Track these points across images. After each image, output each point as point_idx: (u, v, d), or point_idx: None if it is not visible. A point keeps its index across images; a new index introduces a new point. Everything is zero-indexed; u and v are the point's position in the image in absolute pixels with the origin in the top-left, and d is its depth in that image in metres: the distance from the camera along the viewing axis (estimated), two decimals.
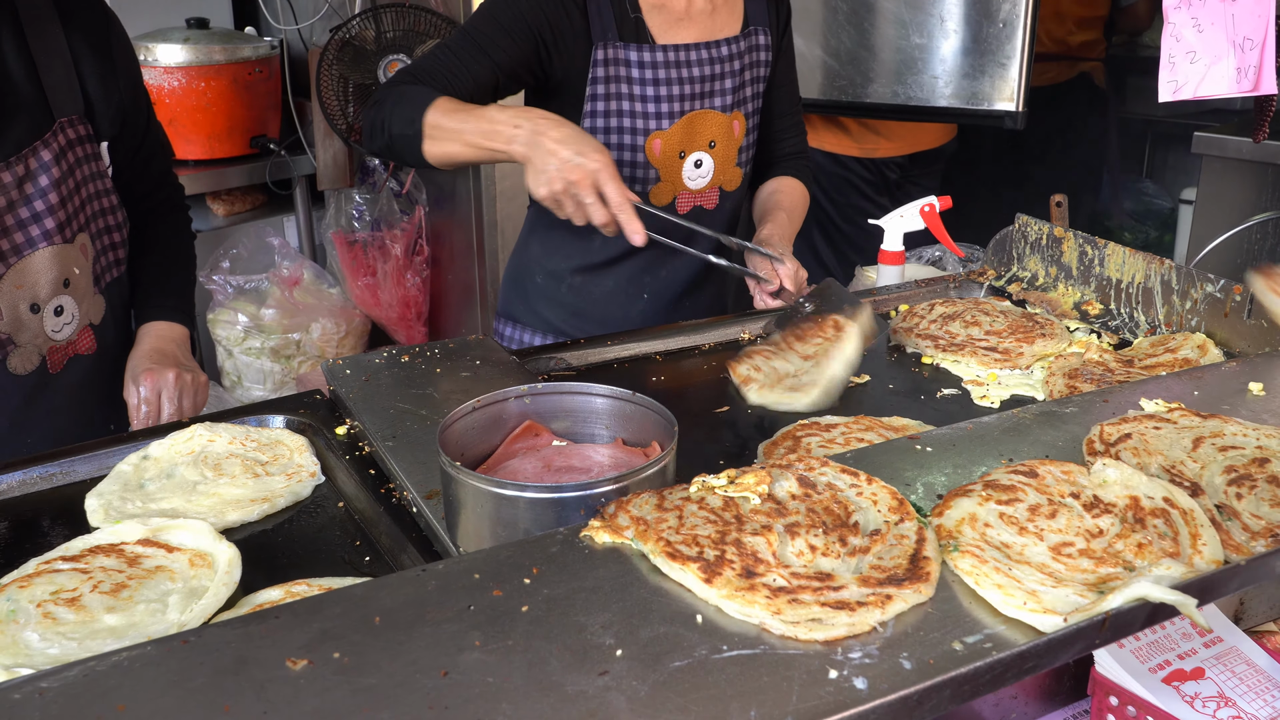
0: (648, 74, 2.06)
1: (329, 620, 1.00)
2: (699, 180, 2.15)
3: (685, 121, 2.10)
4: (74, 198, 1.76)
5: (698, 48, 2.09)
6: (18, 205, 1.69)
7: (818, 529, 1.13)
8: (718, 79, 2.12)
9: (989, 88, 3.16)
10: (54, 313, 1.76)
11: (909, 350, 1.99)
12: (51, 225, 1.72)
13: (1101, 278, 2.06)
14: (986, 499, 1.17)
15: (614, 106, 2.06)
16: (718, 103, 2.13)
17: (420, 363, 1.75)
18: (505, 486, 1.20)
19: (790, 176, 2.32)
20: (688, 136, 2.11)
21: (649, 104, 2.07)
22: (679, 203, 2.17)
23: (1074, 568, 1.09)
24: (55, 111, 1.74)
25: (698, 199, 2.18)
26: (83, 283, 1.80)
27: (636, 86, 2.06)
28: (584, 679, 0.93)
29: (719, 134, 2.14)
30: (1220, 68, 1.98)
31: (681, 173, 2.13)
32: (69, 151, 1.75)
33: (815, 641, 0.98)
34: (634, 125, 2.08)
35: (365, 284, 3.87)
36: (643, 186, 2.12)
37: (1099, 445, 1.32)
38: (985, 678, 0.96)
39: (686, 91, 2.09)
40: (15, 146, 1.69)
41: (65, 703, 0.90)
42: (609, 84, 2.05)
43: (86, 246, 1.80)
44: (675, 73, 2.07)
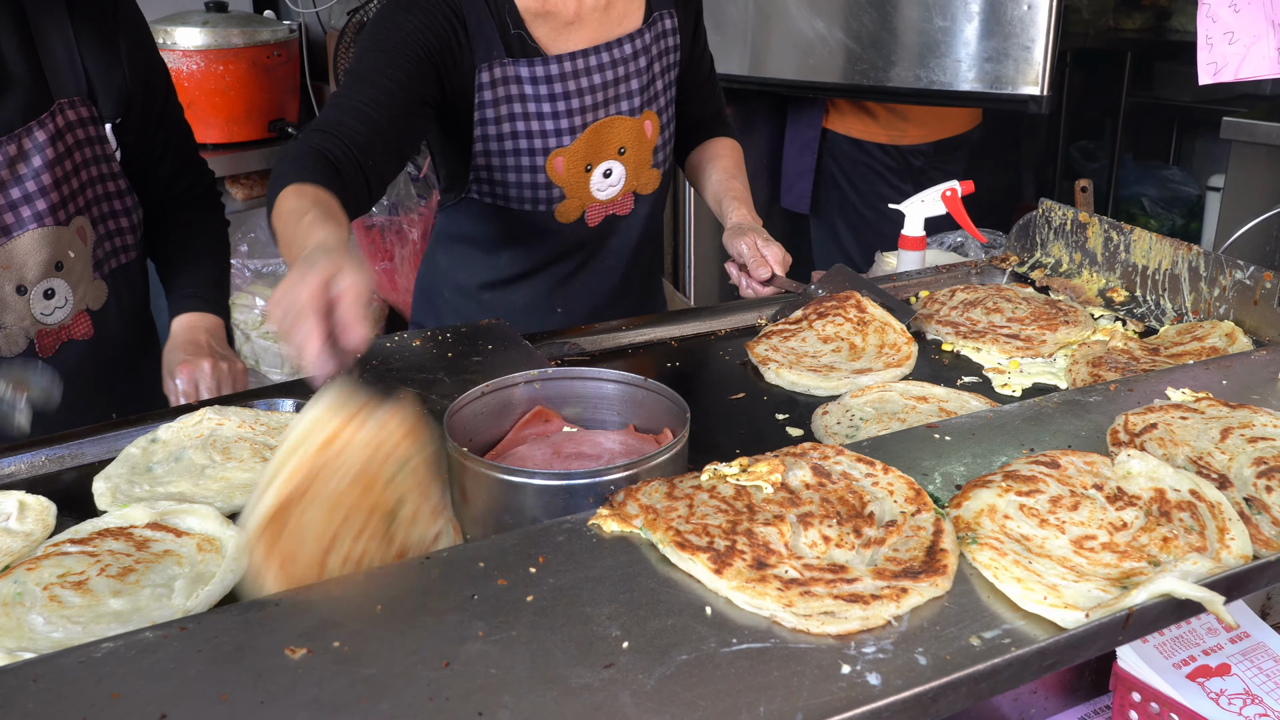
0: (542, 89, 1.90)
1: (329, 608, 0.98)
2: (609, 190, 2.02)
3: (590, 133, 1.95)
4: (72, 180, 1.74)
5: (596, 52, 1.93)
6: (8, 185, 1.67)
7: (832, 519, 1.10)
8: (621, 82, 1.96)
9: (1013, 71, 3.10)
10: (43, 295, 1.74)
11: (929, 337, 1.96)
12: (43, 207, 1.70)
13: (1127, 264, 2.02)
14: (1006, 490, 1.14)
15: (508, 129, 1.91)
16: (624, 106, 1.98)
17: (432, 346, 1.73)
18: (512, 473, 1.18)
19: (719, 137, 2.22)
20: (593, 148, 1.97)
21: (546, 121, 1.91)
22: (588, 216, 2.03)
23: (1096, 562, 1.05)
24: (54, 92, 1.72)
25: (609, 208, 2.05)
26: (78, 266, 1.78)
27: (531, 104, 1.90)
28: (589, 671, 0.91)
29: (629, 139, 2.00)
30: (1260, 48, 1.93)
31: (589, 186, 1.99)
32: (68, 133, 1.73)
33: (828, 635, 0.95)
34: (532, 145, 1.93)
35: (382, 269, 3.86)
36: (546, 206, 1.98)
37: (1123, 435, 1.29)
38: (1003, 675, 0.93)
39: (587, 102, 1.94)
40: (7, 126, 1.67)
41: (60, 690, 0.88)
42: (499, 105, 1.89)
43: (85, 230, 1.78)
44: (573, 84, 1.92)
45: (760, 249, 1.95)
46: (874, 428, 1.57)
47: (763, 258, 1.94)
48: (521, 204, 1.98)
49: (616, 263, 2.13)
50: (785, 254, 1.95)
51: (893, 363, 1.79)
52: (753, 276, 1.96)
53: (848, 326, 1.89)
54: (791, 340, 1.87)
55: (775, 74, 3.44)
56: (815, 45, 3.28)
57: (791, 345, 1.86)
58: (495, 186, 1.98)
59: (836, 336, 1.87)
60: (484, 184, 1.99)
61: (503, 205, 2.00)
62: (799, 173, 3.50)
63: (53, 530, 1.34)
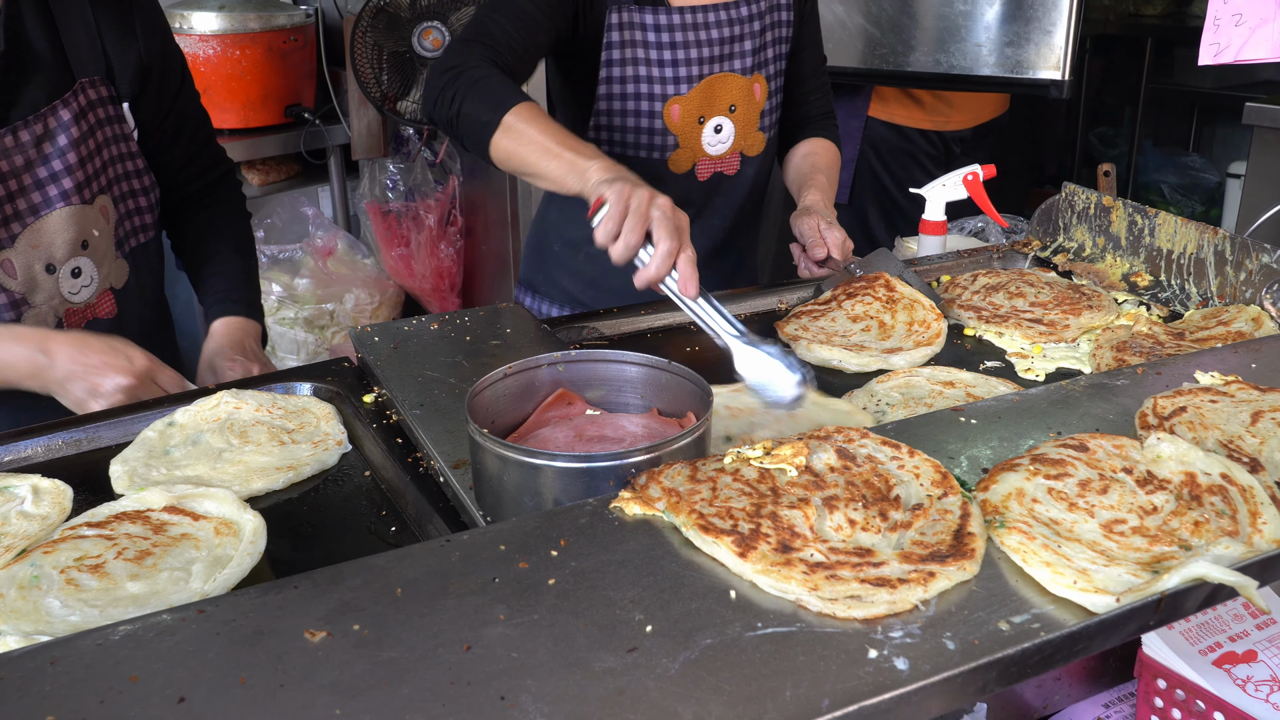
0: (664, 37, 1.99)
1: (349, 592, 0.97)
2: (719, 146, 2.09)
3: (704, 85, 2.03)
4: (95, 159, 1.74)
5: (715, 9, 2.02)
6: (35, 165, 1.67)
7: (857, 503, 1.08)
8: (736, 41, 2.05)
9: (1034, 56, 3.07)
10: (71, 274, 1.74)
11: (951, 322, 1.93)
12: (70, 185, 1.70)
13: (1151, 248, 1.99)
14: (1034, 473, 1.12)
15: (630, 72, 2.00)
16: (737, 65, 2.06)
17: (450, 330, 1.71)
18: (534, 455, 1.16)
19: (820, 138, 2.28)
20: (707, 101, 2.05)
21: (666, 69, 2.00)
22: (699, 169, 2.10)
23: (1127, 546, 1.03)
24: (76, 72, 1.72)
25: (718, 165, 2.11)
26: (102, 245, 1.77)
27: (653, 51, 1.99)
28: (612, 656, 0.89)
29: (739, 98, 2.08)
30: (1265, 31, 1.89)
31: (701, 139, 2.07)
32: (90, 112, 1.73)
33: (854, 620, 0.94)
34: (651, 91, 2.01)
35: (399, 254, 3.84)
36: (660, 154, 2.06)
37: (1152, 419, 1.26)
38: (1033, 659, 0.91)
39: (704, 54, 2.02)
40: (33, 106, 1.67)
41: (77, 673, 0.87)
42: (624, 49, 1.99)
43: (108, 209, 1.78)
44: (692, 35, 2.01)
45: (822, 231, 1.99)
46: (900, 413, 1.55)
47: (822, 239, 1.98)
48: (638, 150, 2.05)
49: (721, 223, 2.18)
50: (846, 239, 1.99)
51: (922, 341, 1.78)
52: (810, 257, 2.00)
53: (876, 305, 1.88)
54: (821, 320, 1.86)
55: None
56: (835, 29, 3.25)
57: (821, 324, 1.85)
58: (614, 132, 2.04)
59: (865, 315, 1.86)
60: (603, 129, 2.05)
61: (619, 152, 2.05)
62: None
63: (69, 514, 1.33)
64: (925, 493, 1.10)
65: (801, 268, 2.04)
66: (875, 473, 1.14)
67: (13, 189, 1.66)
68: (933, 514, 1.07)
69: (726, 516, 1.04)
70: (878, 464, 1.16)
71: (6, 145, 1.64)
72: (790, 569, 0.97)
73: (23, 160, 1.66)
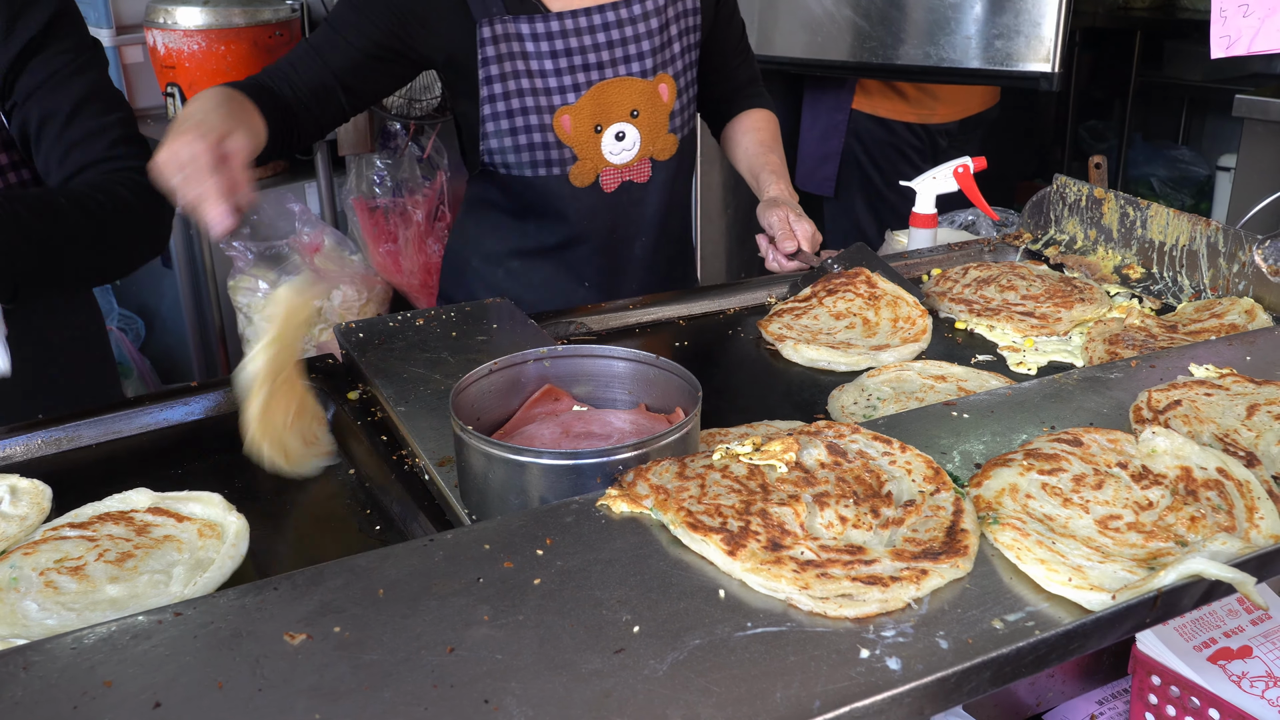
0: (543, 46, 1.89)
1: (330, 592, 0.95)
2: (624, 154, 1.97)
3: (595, 92, 1.92)
4: None
5: (600, 10, 1.90)
6: None
7: (848, 499, 1.06)
8: (630, 42, 1.92)
9: (1023, 48, 3.06)
10: None
11: (942, 315, 1.92)
12: None
13: (1144, 240, 1.98)
14: (1028, 469, 1.11)
15: (513, 86, 1.90)
16: (635, 68, 1.94)
17: (435, 326, 1.69)
18: (519, 452, 1.14)
19: (756, 109, 2.19)
20: (601, 108, 1.93)
21: (549, 79, 1.90)
22: (603, 181, 1.98)
23: (1122, 542, 1.02)
24: None
25: (625, 174, 1.99)
26: None
27: (533, 61, 1.89)
28: (598, 657, 0.87)
29: (641, 102, 1.95)
30: (1275, 21, 1.88)
31: (601, 148, 1.95)
32: None
33: (845, 619, 0.92)
34: (537, 104, 1.90)
35: (386, 250, 3.81)
36: (560, 169, 1.95)
37: (1147, 413, 1.25)
38: (1028, 659, 0.90)
39: (590, 60, 1.91)
40: None
41: (50, 678, 0.85)
42: (502, 62, 1.88)
43: None
44: (575, 41, 1.90)
45: (791, 224, 1.92)
46: (891, 407, 1.53)
47: (791, 232, 1.92)
48: (535, 168, 1.95)
49: (641, 233, 2.08)
50: (816, 232, 1.93)
51: (909, 337, 1.76)
52: (779, 250, 1.94)
53: (859, 302, 1.85)
54: (804, 318, 1.84)
55: (783, 52, 3.39)
56: (824, 22, 3.23)
57: (804, 323, 1.82)
58: (506, 153, 1.95)
59: (848, 312, 1.84)
60: (494, 151, 1.95)
61: (516, 174, 1.96)
62: (824, 155, 3.44)
63: (48, 514, 1.31)
64: (917, 489, 1.09)
65: (769, 260, 1.97)
66: (867, 469, 1.12)
67: None
68: (925, 510, 1.05)
69: (715, 514, 1.03)
70: (869, 460, 1.14)
71: None
72: (780, 567, 0.96)
73: None
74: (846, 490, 1.08)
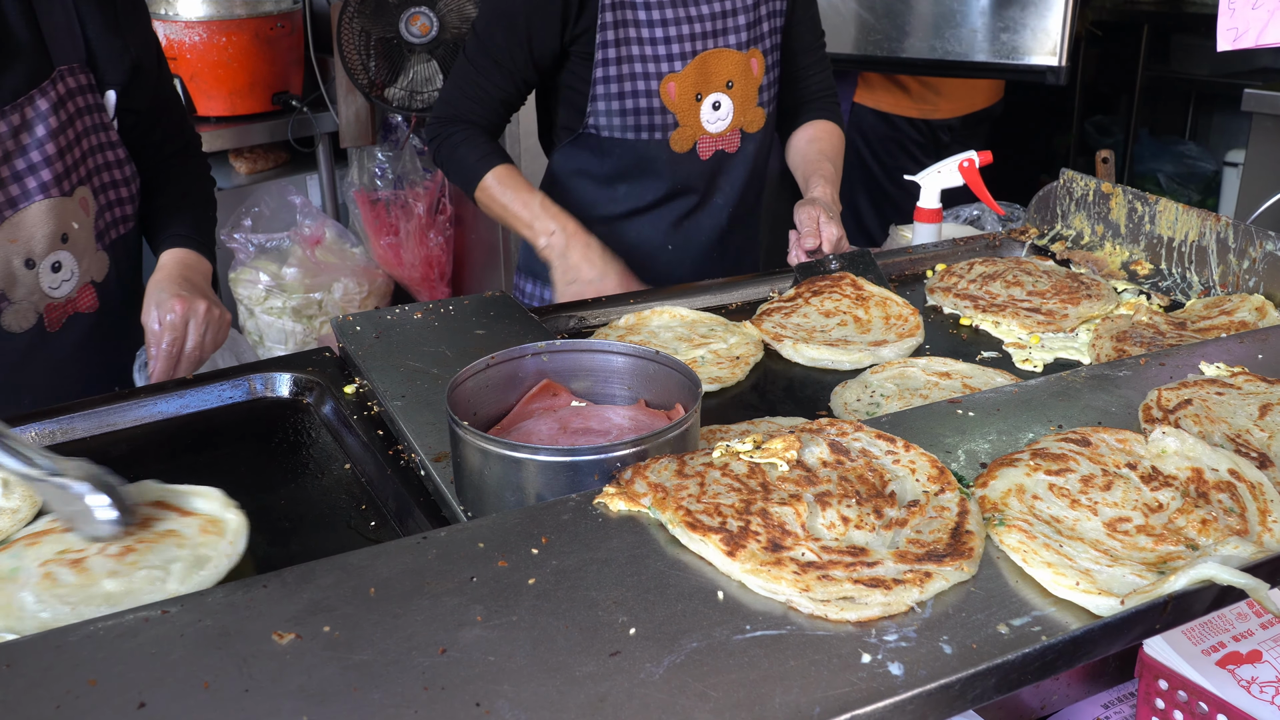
0: (654, 15, 2.01)
1: (320, 591, 0.92)
2: (719, 123, 2.09)
3: (699, 61, 2.04)
4: (74, 149, 1.68)
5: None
6: (14, 156, 1.61)
7: (851, 499, 1.04)
8: (730, 15, 2.06)
9: (1030, 42, 3.03)
10: (51, 269, 1.68)
11: (946, 311, 1.89)
12: (49, 177, 1.64)
13: (1152, 236, 1.95)
14: (1035, 469, 1.08)
15: (624, 53, 2.02)
16: (732, 40, 2.07)
17: (434, 319, 1.67)
18: (515, 449, 1.12)
19: (824, 120, 2.28)
20: (703, 77, 2.05)
21: (659, 46, 2.02)
22: (700, 148, 2.11)
23: (1131, 545, 1.00)
24: (54, 59, 1.66)
25: (719, 143, 2.12)
26: (83, 238, 1.72)
27: (645, 29, 2.01)
28: (593, 660, 0.85)
29: (736, 73, 2.08)
30: None
31: (700, 116, 2.07)
32: (68, 101, 1.67)
33: (847, 622, 0.90)
34: (646, 70, 2.02)
35: (388, 243, 3.79)
36: (662, 134, 2.07)
37: (1156, 412, 1.22)
38: (1034, 665, 0.87)
39: (697, 30, 2.03)
40: (11, 95, 1.60)
41: (33, 676, 0.83)
42: (617, 29, 2.00)
43: (87, 201, 1.72)
44: (684, 11, 2.03)
45: (820, 224, 1.99)
46: (895, 405, 1.51)
47: (817, 231, 1.98)
48: (639, 132, 2.07)
49: (725, 202, 2.20)
50: (843, 238, 2.01)
51: (904, 333, 1.74)
52: (800, 245, 2.00)
53: (846, 302, 1.84)
54: (794, 316, 1.82)
55: None
56: (828, 15, 3.19)
57: (796, 321, 1.80)
58: (613, 116, 2.06)
59: (837, 310, 1.82)
60: (600, 114, 2.06)
61: (620, 136, 2.07)
62: None
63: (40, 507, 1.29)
64: (921, 489, 1.06)
65: (792, 255, 2.03)
66: (870, 468, 1.10)
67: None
68: (929, 511, 1.03)
69: (715, 513, 1.00)
70: (872, 459, 1.12)
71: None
72: (780, 569, 0.93)
73: (1, 152, 1.60)
74: (849, 490, 1.06)
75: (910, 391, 1.55)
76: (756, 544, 0.97)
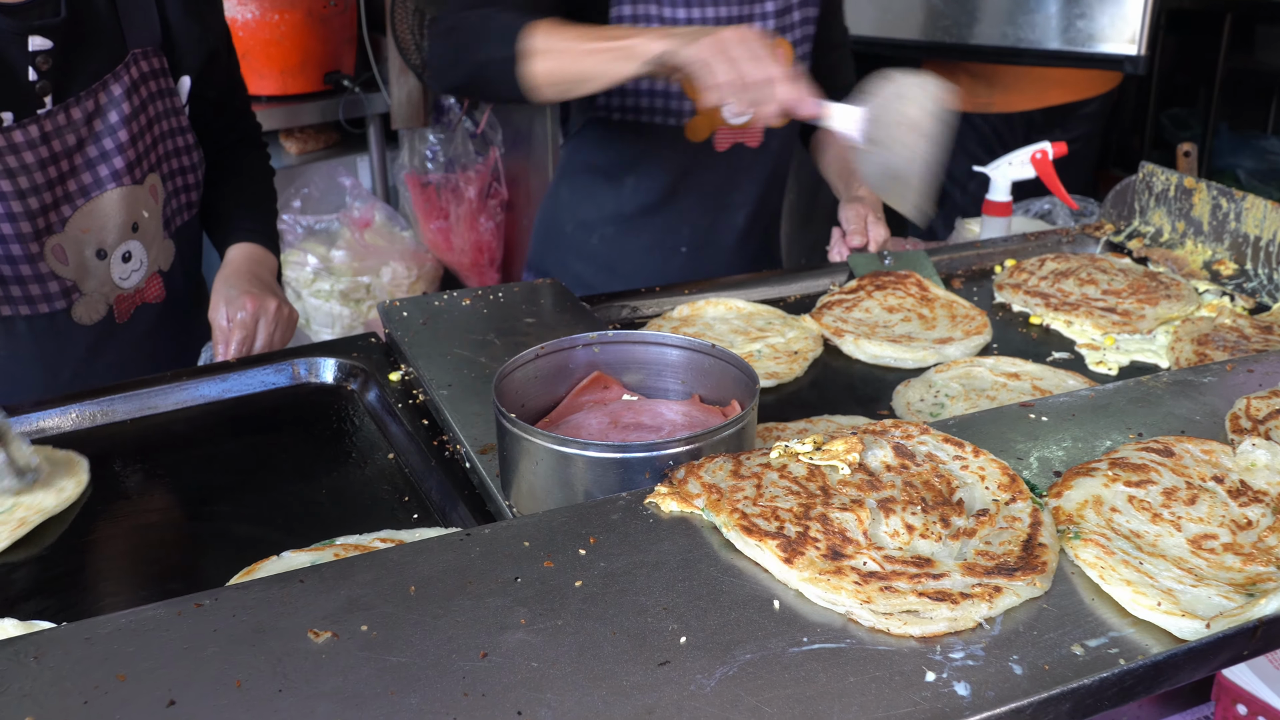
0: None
1: (358, 588, 0.90)
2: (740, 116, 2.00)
3: None
4: (145, 135, 1.67)
5: None
6: (87, 143, 1.60)
7: (916, 506, 1.00)
8: (756, 2, 1.97)
9: (1108, 29, 2.95)
10: (121, 259, 1.68)
11: (1015, 309, 1.84)
12: (121, 165, 1.63)
13: (1237, 234, 1.88)
14: (1113, 479, 1.04)
15: None
16: (758, 27, 1.97)
17: (483, 307, 1.65)
18: (563, 443, 1.09)
19: None
20: None
21: (680, 26, 1.90)
22: (717, 139, 2.02)
23: (1217, 565, 0.95)
24: (129, 42, 1.64)
25: (739, 135, 2.03)
26: (152, 227, 1.71)
27: (667, 9, 1.91)
28: (641, 669, 0.83)
29: None
30: None
31: None
32: (142, 86, 1.65)
33: (910, 637, 0.87)
34: None
35: (438, 227, 3.79)
36: (676, 120, 1.97)
37: (1245, 422, 1.17)
38: (1112, 690, 0.83)
39: (722, 14, 1.94)
40: (89, 78, 1.59)
41: (62, 670, 0.82)
42: (635, 5, 1.90)
43: (157, 188, 1.72)
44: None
45: (868, 223, 1.96)
46: (960, 405, 1.47)
47: (865, 231, 1.95)
48: (651, 115, 1.97)
49: (743, 201, 2.12)
50: (889, 239, 1.97)
51: (971, 330, 1.70)
52: (846, 243, 1.97)
53: (910, 300, 1.80)
54: (855, 310, 1.77)
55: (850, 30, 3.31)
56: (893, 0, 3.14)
57: (857, 316, 1.76)
58: (625, 96, 1.96)
59: (901, 307, 1.78)
60: (614, 93, 1.96)
61: (633, 119, 1.98)
62: None
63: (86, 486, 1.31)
64: (991, 497, 1.02)
65: (834, 253, 1.99)
66: (936, 473, 1.06)
67: (64, 170, 1.59)
68: (999, 521, 0.99)
69: (772, 517, 0.97)
70: (939, 464, 1.08)
71: (59, 123, 1.56)
72: (840, 578, 0.90)
73: (74, 139, 1.58)
74: (914, 496, 1.02)
75: (977, 392, 1.51)
76: (815, 551, 0.93)
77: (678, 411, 1.28)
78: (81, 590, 1.17)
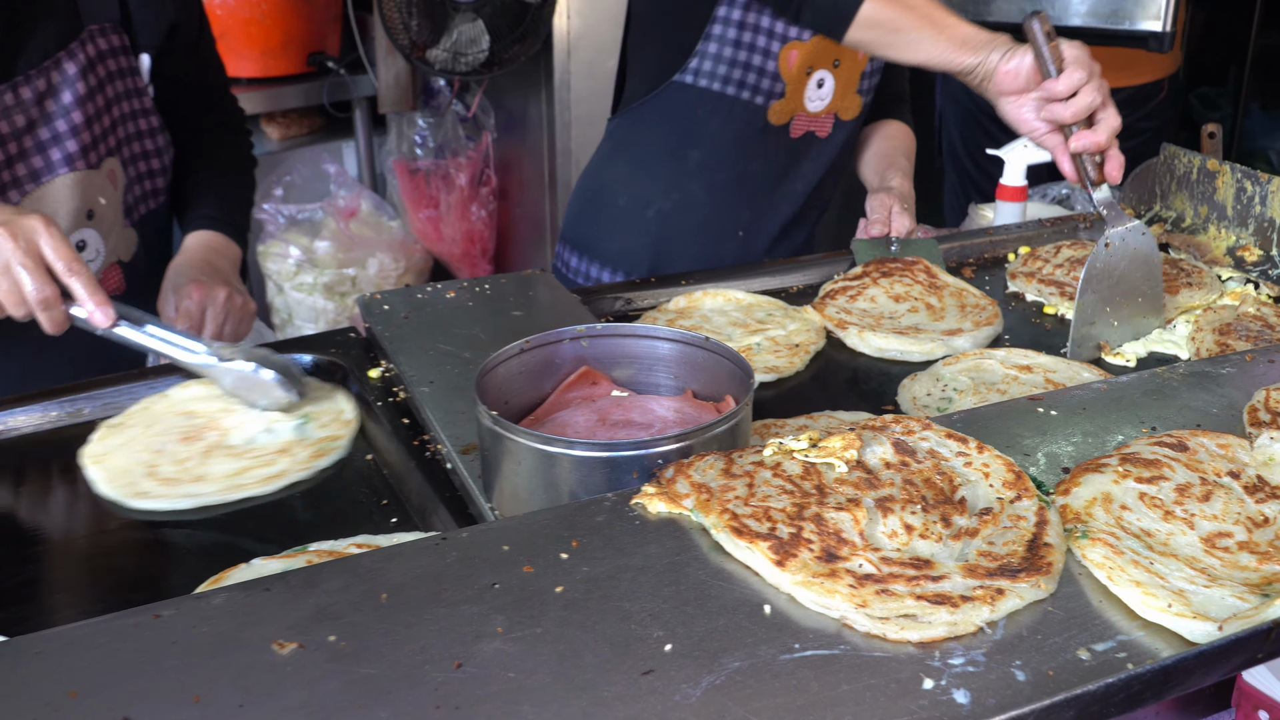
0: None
1: (327, 596, 0.90)
2: (818, 102, 2.06)
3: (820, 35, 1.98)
4: (103, 117, 1.67)
5: None
6: (37, 125, 1.60)
7: (915, 505, 1.00)
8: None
9: (1132, 5, 2.94)
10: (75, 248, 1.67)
11: (1029, 298, 1.85)
12: (74, 148, 1.63)
13: (1262, 219, 1.88)
14: (1124, 475, 1.04)
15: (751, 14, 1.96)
16: None
17: (468, 299, 1.65)
18: (547, 442, 1.09)
19: (900, 122, 2.28)
20: (820, 50, 2.01)
21: None
22: (794, 125, 2.07)
23: (1232, 564, 0.95)
24: (85, 17, 1.64)
25: (812, 124, 2.09)
26: (110, 214, 1.71)
27: None
28: (624, 679, 0.83)
29: (844, 53, 2.04)
30: None
31: (805, 91, 2.04)
32: (99, 64, 1.65)
33: (907, 642, 0.86)
34: (773, 28, 1.98)
35: (427, 216, 3.79)
36: (764, 100, 2.02)
37: (1264, 415, 1.17)
38: (1119, 696, 0.83)
39: None
40: (38, 57, 1.58)
41: (11, 686, 0.82)
42: None
43: (116, 173, 1.71)
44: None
45: (892, 213, 2.00)
46: (969, 400, 1.47)
47: (888, 221, 1.99)
48: (740, 90, 2.02)
49: (803, 188, 2.17)
50: (914, 231, 1.99)
51: (982, 321, 1.69)
52: (867, 232, 2.00)
53: (918, 288, 1.79)
54: (859, 300, 1.77)
55: None
56: None
57: (861, 306, 1.76)
58: (720, 64, 2.00)
59: (908, 296, 1.78)
60: (708, 57, 2.00)
61: (719, 89, 2.02)
62: None
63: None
64: (995, 495, 1.02)
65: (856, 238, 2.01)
66: (938, 470, 1.06)
67: (12, 153, 1.58)
68: (1003, 520, 0.99)
69: (764, 518, 0.97)
70: (941, 460, 1.07)
71: (6, 103, 1.56)
72: (835, 581, 0.90)
73: (24, 120, 1.58)
74: (914, 495, 1.02)
75: (986, 386, 1.51)
76: (809, 553, 0.93)
77: (669, 408, 1.27)
78: (35, 602, 1.17)
